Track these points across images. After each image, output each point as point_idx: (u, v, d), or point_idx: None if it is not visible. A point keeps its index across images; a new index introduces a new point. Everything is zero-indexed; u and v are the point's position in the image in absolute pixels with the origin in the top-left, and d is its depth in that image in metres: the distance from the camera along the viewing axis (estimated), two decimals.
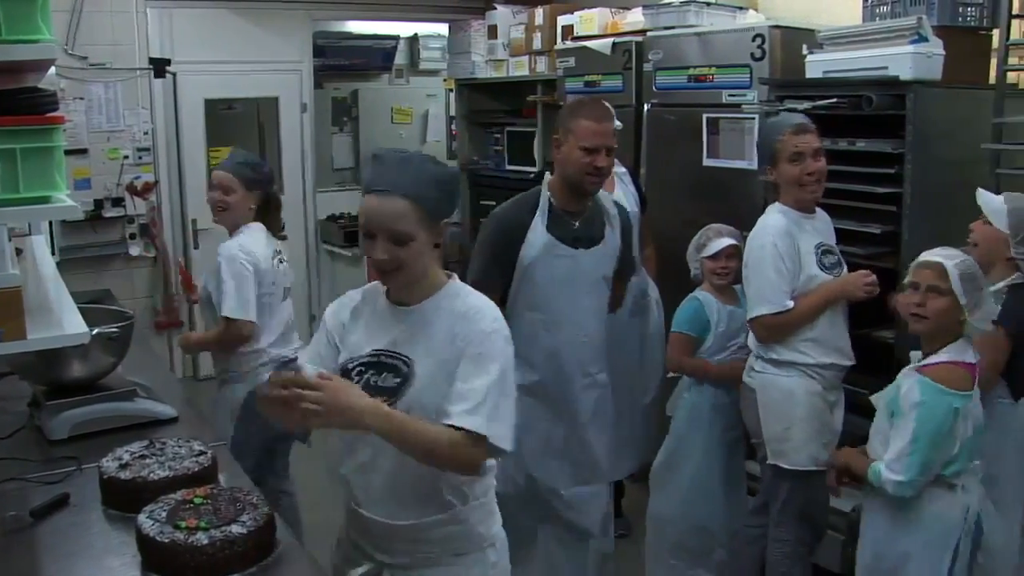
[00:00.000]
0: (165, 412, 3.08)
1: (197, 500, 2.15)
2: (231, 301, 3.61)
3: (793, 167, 3.37)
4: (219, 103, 7.54)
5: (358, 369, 2.17)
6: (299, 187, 7.84)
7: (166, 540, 1.99)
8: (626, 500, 4.74)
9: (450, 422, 2.00)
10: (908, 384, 2.81)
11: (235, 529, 2.05)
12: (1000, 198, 3.16)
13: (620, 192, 4.42)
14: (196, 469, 2.42)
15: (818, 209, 3.53)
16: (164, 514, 2.09)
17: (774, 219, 3.43)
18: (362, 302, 2.30)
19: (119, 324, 3.10)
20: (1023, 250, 3.05)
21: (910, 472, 2.75)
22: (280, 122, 7.73)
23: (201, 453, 2.52)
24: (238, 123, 8.00)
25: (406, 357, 2.13)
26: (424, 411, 2.06)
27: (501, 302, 2.88)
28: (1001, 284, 3.09)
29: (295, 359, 2.37)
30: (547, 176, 3.36)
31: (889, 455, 2.81)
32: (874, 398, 2.98)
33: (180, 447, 2.55)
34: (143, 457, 2.48)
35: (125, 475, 2.38)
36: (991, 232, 3.12)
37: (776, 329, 3.38)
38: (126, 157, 6.79)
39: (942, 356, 2.81)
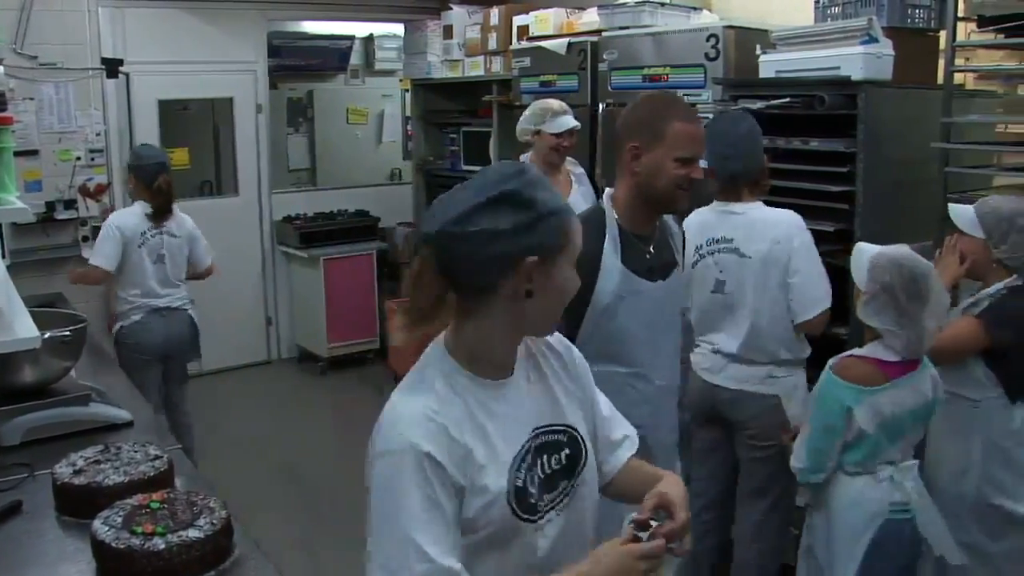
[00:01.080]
0: (120, 416, 3.05)
1: (153, 505, 2.13)
2: (93, 250, 4.92)
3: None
4: (173, 104, 7.48)
5: (524, 474, 1.70)
6: (254, 188, 7.79)
7: (122, 546, 1.98)
8: None
9: (626, 452, 1.98)
10: (822, 375, 2.93)
11: (192, 533, 2.03)
12: (970, 208, 3.19)
13: (578, 193, 4.44)
14: (152, 473, 2.40)
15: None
16: (120, 520, 2.07)
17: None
18: (447, 405, 1.65)
19: (72, 328, 3.07)
20: (1005, 248, 3.08)
21: (801, 460, 2.91)
22: (235, 123, 7.69)
23: (157, 457, 2.50)
24: (193, 124, 7.95)
25: (559, 424, 1.80)
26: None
27: None
28: (997, 287, 3.12)
29: None
30: (608, 192, 2.75)
31: (795, 443, 2.97)
32: None
33: (135, 452, 2.52)
34: (98, 462, 2.45)
35: (79, 481, 2.36)
36: (973, 243, 3.16)
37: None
38: (78, 158, 6.70)
39: (856, 351, 2.91)
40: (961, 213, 3.20)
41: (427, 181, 7.88)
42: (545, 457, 1.74)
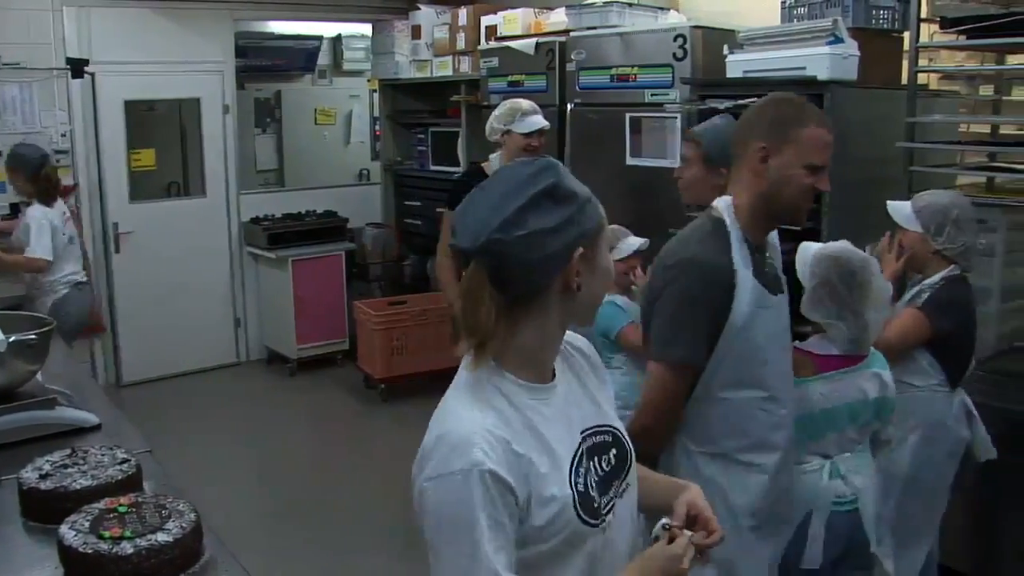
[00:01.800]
0: (87, 420, 3.02)
1: (121, 509, 2.11)
2: (33, 244, 5.40)
3: None
4: (140, 104, 7.42)
5: (584, 478, 1.66)
6: (222, 189, 7.75)
7: (89, 551, 1.96)
8: None
9: None
10: None
11: (161, 537, 2.02)
12: (907, 204, 3.25)
13: None
14: (120, 477, 2.38)
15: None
16: (87, 524, 2.05)
17: None
18: (506, 418, 1.60)
19: (37, 331, 3.03)
20: (941, 239, 3.15)
21: None
22: (202, 123, 7.64)
23: (125, 461, 2.47)
24: (159, 124, 7.90)
25: (604, 425, 1.77)
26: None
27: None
28: (936, 277, 3.18)
29: None
30: (726, 200, 2.46)
31: None
32: None
33: (103, 455, 2.50)
34: (65, 466, 2.43)
35: (46, 485, 2.33)
36: (911, 237, 3.22)
37: None
38: None
39: (796, 344, 2.90)
40: (898, 209, 3.26)
41: (395, 181, 7.88)
42: (597, 459, 1.70)
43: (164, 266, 7.31)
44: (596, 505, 1.65)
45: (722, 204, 2.45)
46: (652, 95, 4.70)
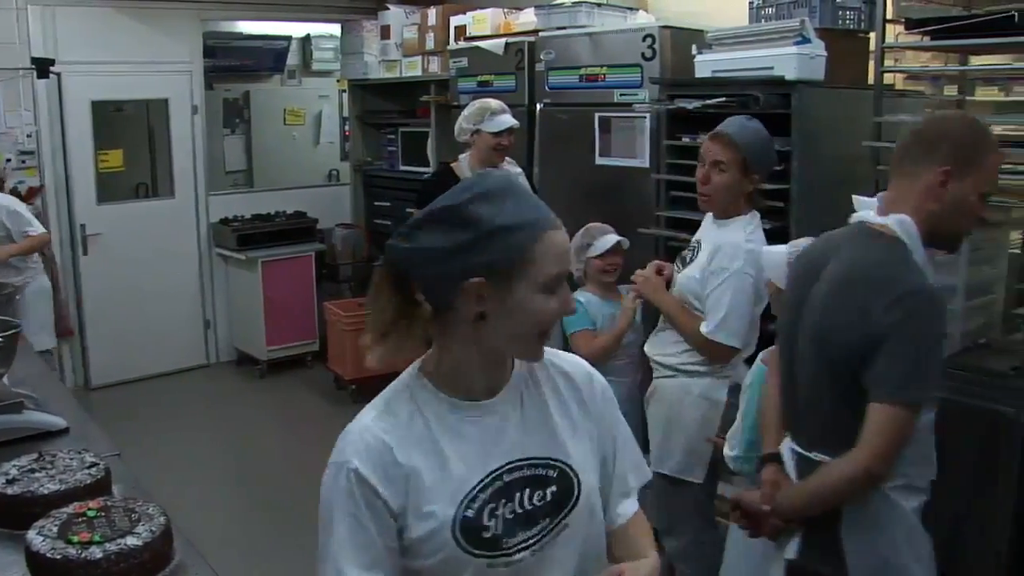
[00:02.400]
0: (55, 423, 2.99)
1: (90, 513, 2.10)
2: (32, 223, 5.48)
3: (699, 168, 3.33)
4: (107, 105, 7.36)
5: (482, 505, 1.60)
6: (191, 190, 7.70)
7: (58, 556, 1.94)
8: None
9: (627, 509, 1.83)
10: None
11: (130, 541, 2.00)
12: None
13: None
14: (89, 481, 2.36)
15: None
16: (55, 529, 2.03)
17: None
18: (402, 424, 1.62)
19: (4, 333, 3.01)
20: None
21: (738, 448, 2.93)
22: (171, 124, 7.59)
23: (93, 465, 2.46)
24: (127, 125, 7.84)
25: (550, 458, 1.68)
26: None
27: None
28: None
29: None
30: (903, 219, 2.29)
31: (729, 433, 3.04)
32: None
33: (71, 459, 2.48)
34: (32, 471, 2.41)
35: (13, 491, 2.31)
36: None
37: None
38: (8, 160, 6.56)
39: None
40: (865, 203, 3.03)
41: (365, 182, 7.87)
42: (527, 491, 1.62)
43: (133, 268, 7.25)
44: (493, 536, 1.59)
45: (900, 225, 2.28)
46: (621, 95, 4.71)
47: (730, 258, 3.25)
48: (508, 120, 4.57)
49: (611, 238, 3.83)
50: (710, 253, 3.30)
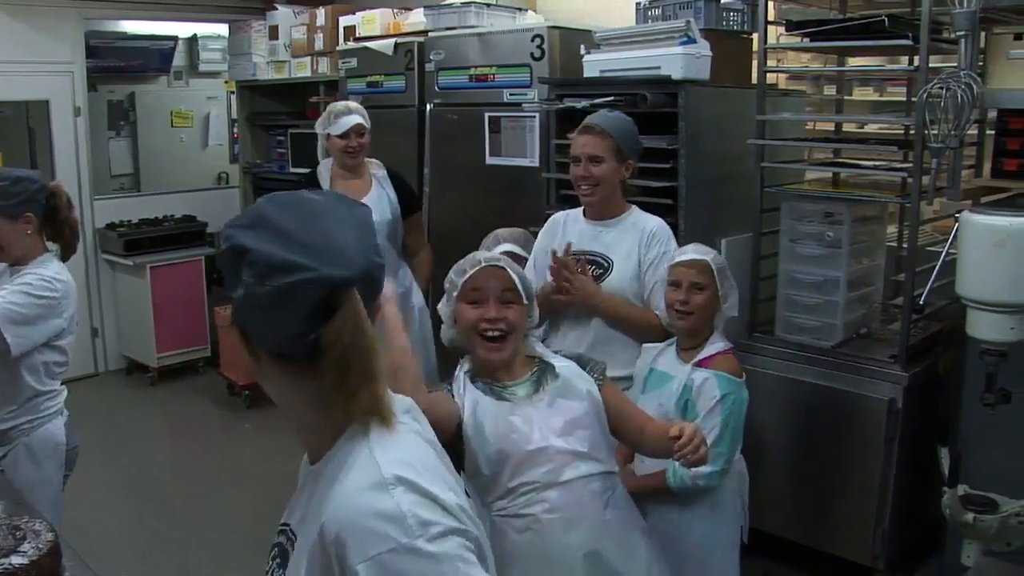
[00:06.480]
0: None
1: None
2: None
3: (574, 167, 3.31)
4: None
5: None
6: (75, 195, 7.45)
7: None
8: None
9: None
10: (700, 379, 2.87)
11: (16, 560, 1.95)
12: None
13: (374, 195, 4.40)
14: None
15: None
16: None
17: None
18: None
19: None
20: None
21: (718, 463, 2.79)
22: (52, 127, 7.34)
23: None
24: (6, 128, 7.58)
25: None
26: None
27: None
28: None
29: None
30: None
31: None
32: (643, 399, 2.99)
33: None
34: None
35: None
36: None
37: None
38: None
39: (714, 348, 2.95)
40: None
41: (255, 184, 7.76)
42: (278, 561, 1.46)
43: None
44: None
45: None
46: (511, 95, 4.75)
47: (666, 240, 3.28)
48: (351, 120, 4.40)
49: (501, 247, 3.45)
50: (641, 243, 3.26)
